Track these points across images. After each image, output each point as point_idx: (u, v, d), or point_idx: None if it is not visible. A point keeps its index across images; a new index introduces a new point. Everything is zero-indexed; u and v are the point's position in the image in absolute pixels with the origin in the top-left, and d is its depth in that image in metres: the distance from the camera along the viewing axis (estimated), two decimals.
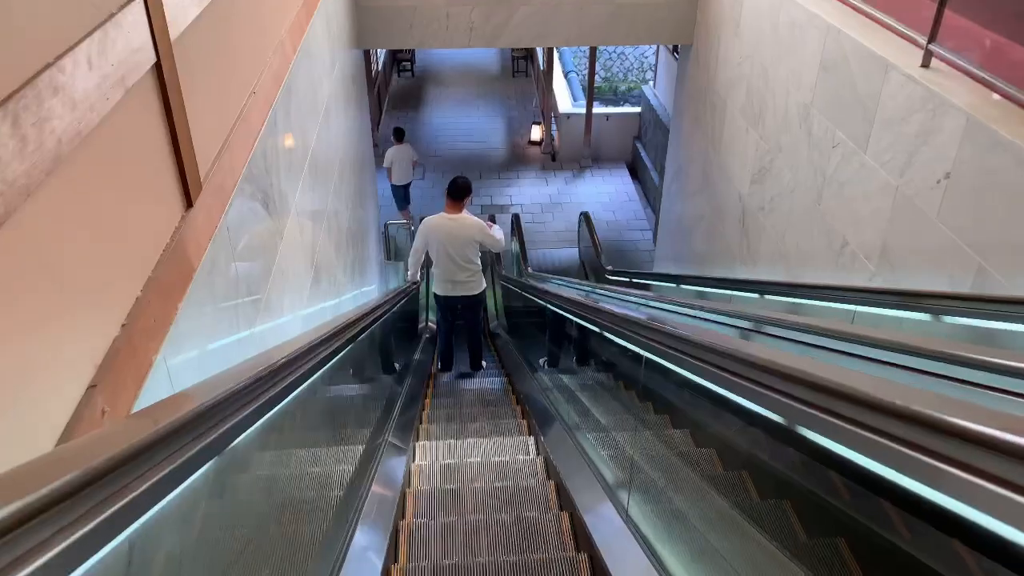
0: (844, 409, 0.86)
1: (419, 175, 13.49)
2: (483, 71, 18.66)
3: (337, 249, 4.43)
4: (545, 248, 11.34)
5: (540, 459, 3.98)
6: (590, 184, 13.35)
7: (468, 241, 5.66)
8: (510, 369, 6.53)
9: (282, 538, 1.71)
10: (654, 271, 7.30)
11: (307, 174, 3.53)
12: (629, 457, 2.76)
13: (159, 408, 1.03)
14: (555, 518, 2.89)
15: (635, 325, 2.38)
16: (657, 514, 2.38)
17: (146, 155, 1.74)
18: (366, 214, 6.13)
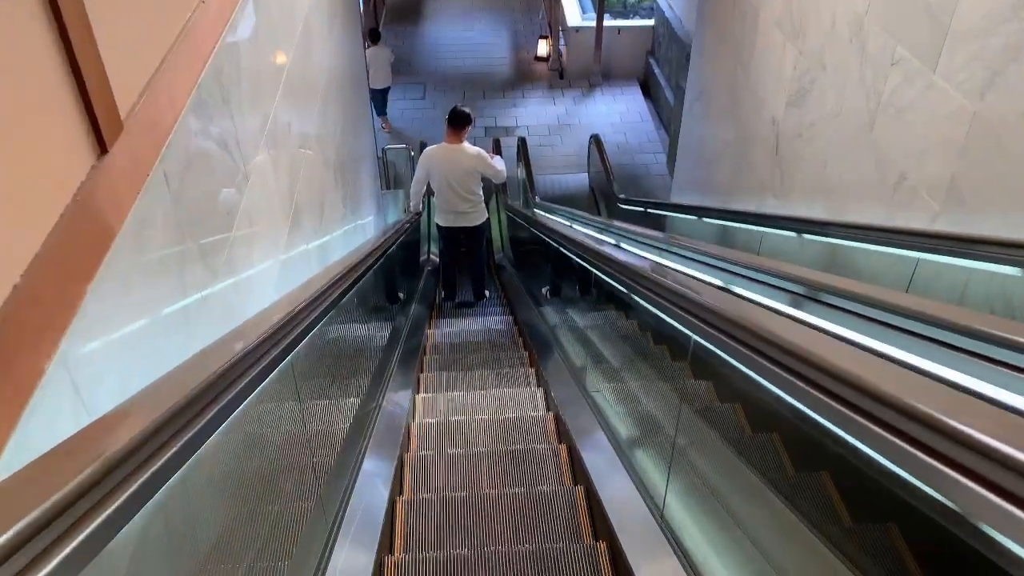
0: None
1: (419, 94, 12.81)
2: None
3: (324, 183, 3.95)
4: (553, 174, 10.78)
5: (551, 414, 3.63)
6: (600, 103, 12.66)
7: (470, 171, 5.68)
8: (516, 307, 6.13)
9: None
10: (672, 201, 6.80)
11: (281, 101, 3.03)
12: (644, 413, 2.45)
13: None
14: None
15: (669, 292, 1.96)
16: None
17: (22, 84, 1.27)
18: (359, 141, 5.62)
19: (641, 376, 2.93)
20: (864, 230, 3.42)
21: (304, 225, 3.38)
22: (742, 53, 5.06)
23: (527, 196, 8.89)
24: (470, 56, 14.09)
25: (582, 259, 3.77)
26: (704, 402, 2.08)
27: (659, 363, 2.58)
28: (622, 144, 11.39)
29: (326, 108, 4.16)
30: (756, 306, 1.71)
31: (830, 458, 1.20)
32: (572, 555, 2.36)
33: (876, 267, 3.51)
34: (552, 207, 7.42)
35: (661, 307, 2.06)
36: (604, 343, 3.72)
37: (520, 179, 9.68)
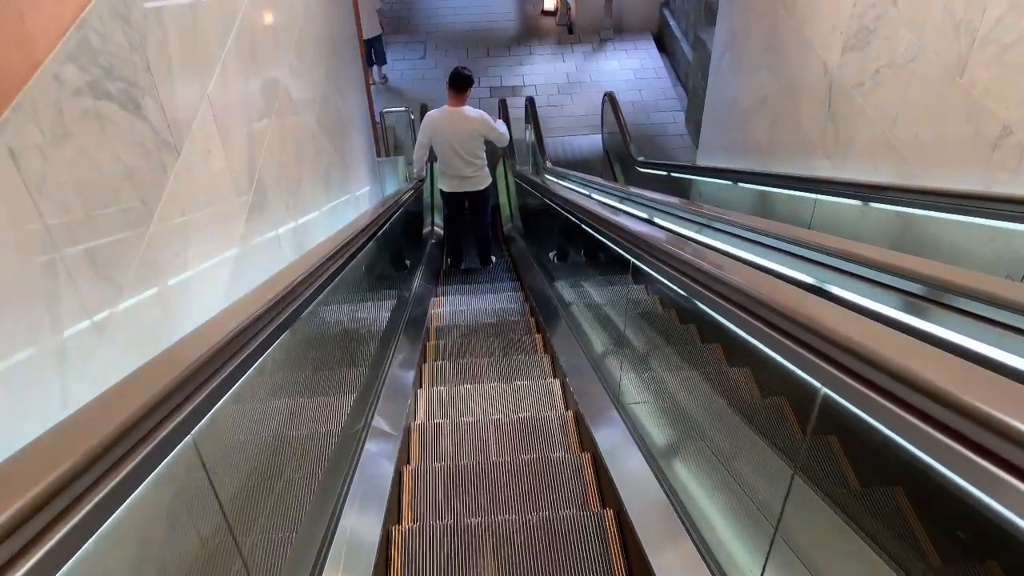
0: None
1: (419, 53, 12.08)
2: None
3: (302, 153, 3.35)
4: (563, 135, 10.10)
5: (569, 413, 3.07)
6: (612, 59, 11.91)
7: (473, 135, 5.63)
8: (528, 285, 5.54)
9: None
10: (698, 164, 6.14)
11: (234, 50, 2.42)
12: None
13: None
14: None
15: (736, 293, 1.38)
16: None
17: None
18: (349, 104, 4.98)
19: (692, 389, 2.34)
20: (954, 198, 2.81)
21: (272, 206, 2.78)
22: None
23: (537, 161, 8.24)
24: (473, 12, 13.30)
25: (611, 240, 3.17)
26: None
27: (726, 380, 1.99)
28: (637, 102, 10.67)
29: (303, 63, 3.53)
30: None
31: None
32: None
33: (964, 244, 2.90)
34: (565, 173, 6.79)
35: (745, 325, 1.48)
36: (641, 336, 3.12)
37: (529, 142, 9.02)
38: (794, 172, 4.17)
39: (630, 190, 4.71)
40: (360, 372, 2.78)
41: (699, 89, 9.62)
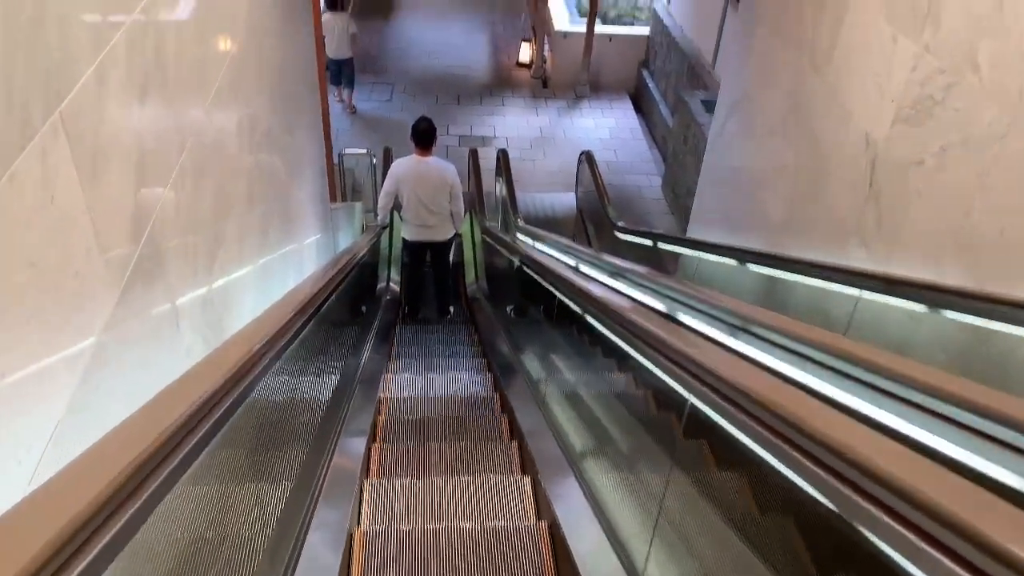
0: None
1: (386, 96, 11.44)
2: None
3: (225, 199, 2.57)
4: (534, 191, 9.49)
5: None
6: (587, 116, 11.44)
7: (439, 186, 5.62)
8: (498, 365, 4.78)
9: None
10: (692, 237, 5.52)
11: (117, 57, 1.66)
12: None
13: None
14: None
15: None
16: None
17: None
18: (299, 141, 4.24)
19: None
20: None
21: (171, 269, 1.99)
22: (815, 52, 3.82)
23: (507, 218, 7.57)
24: (445, 57, 12.78)
25: (603, 324, 2.49)
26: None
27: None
28: (612, 162, 10.15)
29: (237, 87, 2.78)
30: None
31: None
32: None
33: None
34: (539, 234, 6.11)
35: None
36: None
37: (499, 197, 8.37)
38: (823, 259, 3.54)
39: (617, 263, 4.02)
40: (276, 506, 1.97)
41: (679, 153, 9.14)
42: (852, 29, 3.52)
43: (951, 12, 2.84)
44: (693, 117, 8.60)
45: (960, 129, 2.79)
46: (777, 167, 4.25)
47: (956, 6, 2.81)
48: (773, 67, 4.30)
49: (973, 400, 1.41)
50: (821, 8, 3.77)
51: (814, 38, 3.83)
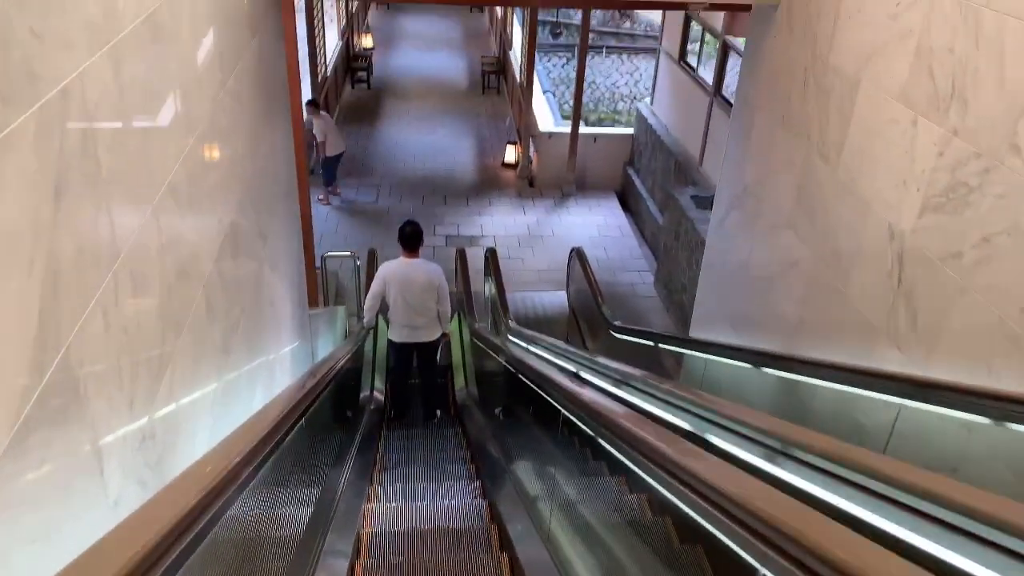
0: None
1: (371, 197, 11.32)
2: (449, 85, 16.66)
3: (165, 320, 2.19)
4: (524, 291, 9.20)
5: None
6: (575, 214, 11.32)
7: (427, 287, 5.64)
8: (492, 486, 4.32)
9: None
10: (699, 337, 5.18)
11: (28, 156, 1.34)
12: None
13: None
14: None
15: None
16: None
17: None
18: (272, 248, 3.92)
19: None
20: None
21: (93, 402, 1.61)
22: (824, 141, 3.60)
23: (498, 318, 7.23)
24: (431, 160, 12.77)
25: (612, 445, 2.11)
26: None
27: None
28: (602, 260, 9.93)
29: (198, 180, 2.47)
30: None
31: None
32: None
33: None
34: (532, 336, 5.76)
35: None
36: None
37: (488, 297, 8.06)
38: (851, 362, 3.19)
39: (623, 370, 3.65)
40: None
41: (671, 249, 8.95)
42: (864, 115, 3.31)
43: (981, 90, 2.61)
44: (684, 212, 8.44)
45: (1004, 217, 2.51)
46: (788, 262, 3.96)
47: (987, 83, 2.58)
48: (777, 159, 4.09)
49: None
50: (826, 94, 3.58)
51: (822, 126, 3.62)
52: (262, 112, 3.71)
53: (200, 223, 2.49)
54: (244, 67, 3.21)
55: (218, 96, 2.74)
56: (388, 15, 22.18)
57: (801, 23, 3.81)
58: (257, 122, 3.55)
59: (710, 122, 9.12)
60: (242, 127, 3.18)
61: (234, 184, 3.01)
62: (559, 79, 24.13)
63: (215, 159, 2.68)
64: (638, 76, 28.76)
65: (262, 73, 3.67)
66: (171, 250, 2.17)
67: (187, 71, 2.31)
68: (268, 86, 3.85)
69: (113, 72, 1.73)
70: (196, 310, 2.42)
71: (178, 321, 2.22)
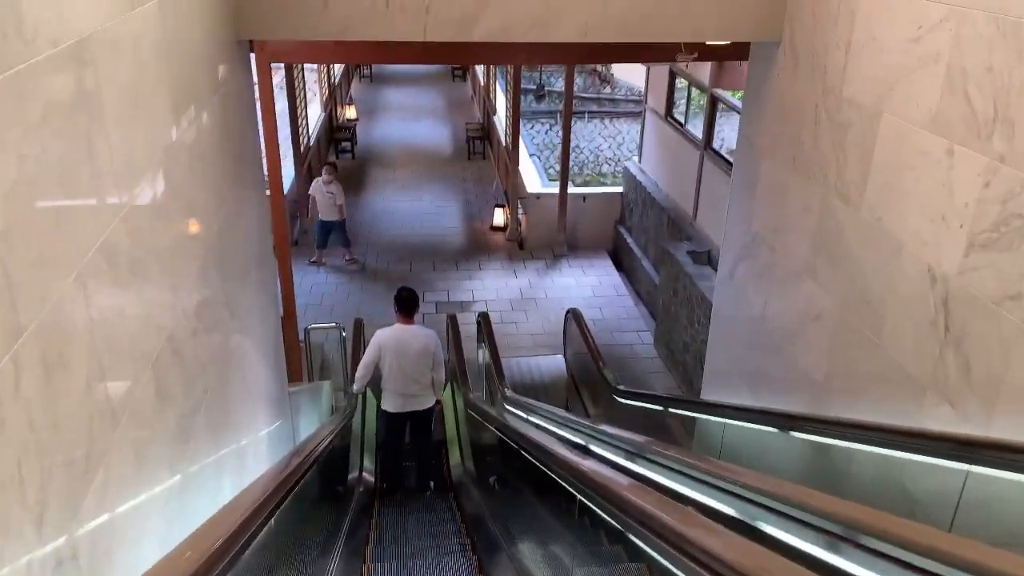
0: None
1: (359, 266, 11.00)
2: (434, 152, 16.61)
3: (93, 411, 1.81)
4: (519, 356, 8.82)
5: None
6: (568, 275, 11.04)
7: (423, 353, 5.57)
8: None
9: None
10: (710, 399, 4.80)
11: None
12: None
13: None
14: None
15: None
16: None
17: None
18: (244, 321, 3.56)
19: None
20: None
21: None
22: (844, 181, 3.32)
23: (493, 387, 6.83)
24: (418, 225, 12.54)
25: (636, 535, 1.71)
26: None
27: None
28: (598, 320, 9.59)
29: (142, 263, 2.12)
30: None
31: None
32: None
33: None
34: (531, 405, 5.36)
35: None
36: None
37: (482, 364, 7.67)
38: (895, 423, 2.82)
39: (638, 441, 3.26)
40: None
41: (670, 307, 8.63)
42: (888, 148, 3.03)
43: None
44: (681, 268, 8.16)
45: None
46: (809, 314, 3.63)
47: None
48: (790, 203, 3.80)
49: None
50: (842, 130, 3.31)
51: (840, 165, 3.34)
52: (231, 173, 3.40)
53: (148, 292, 2.13)
54: (207, 122, 2.91)
55: (172, 148, 2.43)
56: (371, 87, 22.35)
57: (807, 58, 3.58)
58: (224, 183, 3.24)
59: (702, 176, 8.93)
60: (205, 186, 2.86)
61: (194, 248, 2.67)
62: (543, 144, 24.27)
63: (169, 218, 2.34)
64: (620, 139, 29.05)
65: (230, 131, 3.38)
66: (105, 324, 1.80)
67: (124, 108, 1.99)
68: (237, 146, 3.55)
69: (17, 98, 1.41)
70: (141, 394, 2.04)
71: (114, 410, 1.84)
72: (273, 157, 6.66)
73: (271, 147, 6.61)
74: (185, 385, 2.45)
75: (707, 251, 8.56)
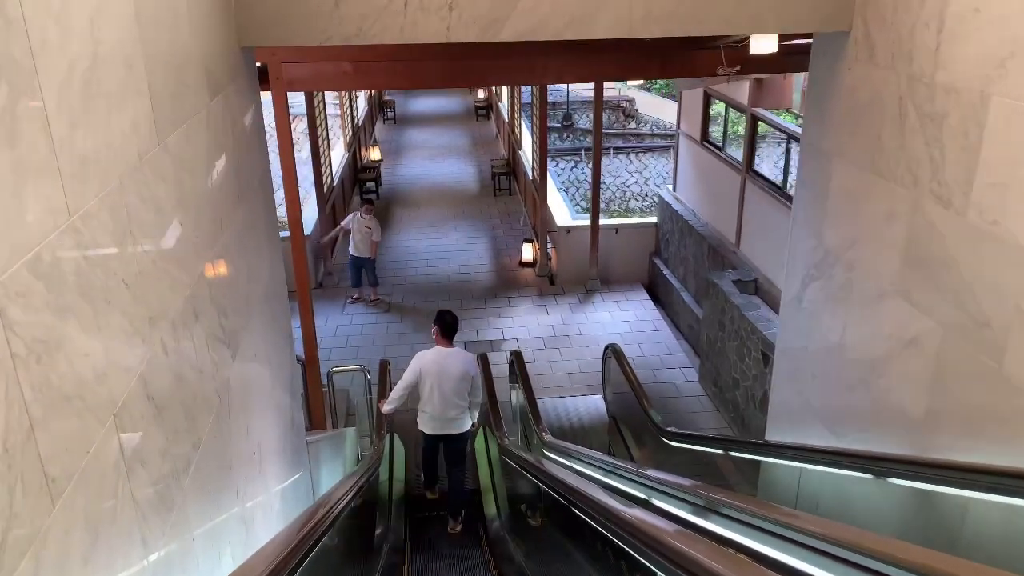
0: None
1: (383, 306, 10.63)
2: (460, 190, 16.33)
3: (60, 472, 1.38)
4: (554, 396, 8.30)
5: None
6: (602, 310, 10.55)
7: (463, 376, 5.64)
8: None
9: None
10: (778, 441, 4.23)
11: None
12: None
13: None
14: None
15: None
16: None
17: None
18: (246, 363, 3.12)
19: None
20: None
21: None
22: (943, 181, 2.83)
23: (529, 431, 6.32)
24: (444, 264, 12.17)
25: None
26: None
27: None
28: (638, 357, 9.06)
29: (103, 273, 1.71)
30: None
31: None
32: None
33: None
34: (575, 451, 4.84)
35: None
36: None
37: (516, 407, 7.17)
38: (1014, 465, 2.29)
39: (739, 504, 2.74)
40: None
41: (716, 341, 8.08)
42: (1001, 139, 2.54)
43: None
44: (727, 299, 7.64)
45: None
46: (903, 339, 3.10)
47: None
48: (871, 212, 3.31)
49: None
50: (936, 123, 2.83)
51: (935, 163, 2.85)
52: (232, 197, 3.01)
53: (108, 323, 1.70)
54: (197, 130, 2.52)
55: (150, 153, 2.02)
56: (395, 129, 22.30)
57: (886, 44, 3.12)
58: (222, 207, 2.84)
59: (744, 201, 8.45)
60: (194, 204, 2.45)
61: (180, 275, 2.25)
62: (568, 181, 23.98)
63: (140, 237, 1.93)
64: (647, 174, 28.72)
65: (230, 151, 2.99)
66: (42, 361, 1.37)
67: (67, 96, 1.59)
68: (239, 168, 3.16)
69: None
70: (98, 453, 1.60)
71: (52, 476, 1.40)
72: (292, 191, 6.32)
73: (289, 181, 6.27)
74: (165, 439, 2.01)
75: (753, 280, 8.04)
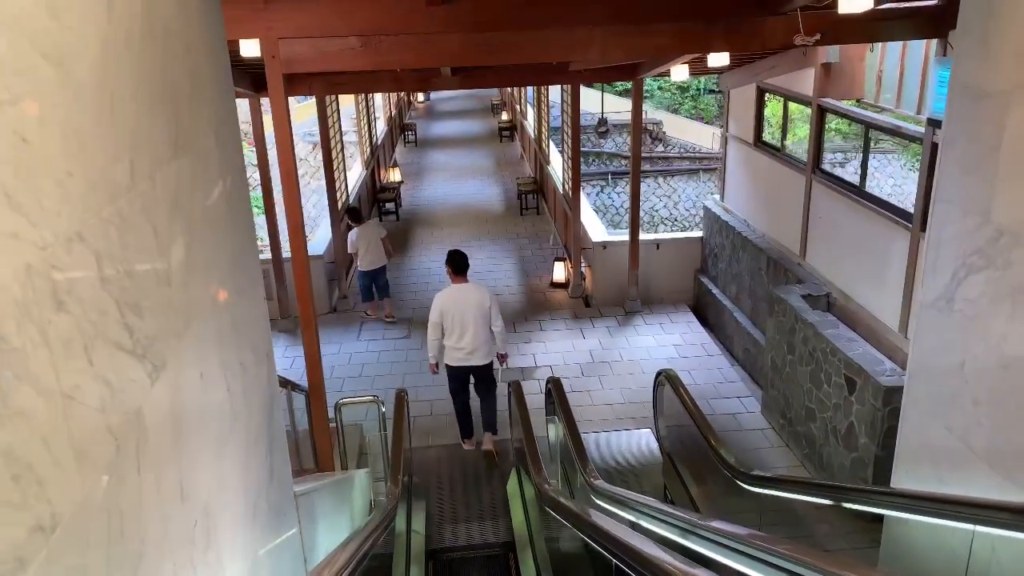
0: None
1: (403, 332, 9.69)
2: (484, 211, 15.44)
3: None
4: (595, 430, 7.25)
5: None
6: (645, 334, 9.50)
7: (480, 305, 6.22)
8: None
9: None
10: (917, 491, 3.16)
11: None
12: None
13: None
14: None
15: None
16: None
17: None
18: (188, 397, 2.14)
19: None
20: None
21: None
22: None
23: (573, 471, 5.28)
24: None
25: None
26: None
27: None
28: (690, 386, 7.94)
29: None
30: None
31: None
32: None
33: None
34: (640, 503, 3.81)
35: None
36: None
37: (553, 442, 6.13)
38: None
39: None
40: None
41: (782, 367, 7.00)
42: None
43: None
44: (798, 317, 6.58)
45: None
46: None
47: None
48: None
49: None
50: None
51: None
52: (156, 127, 2.06)
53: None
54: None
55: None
56: (416, 151, 21.59)
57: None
58: (133, 134, 1.89)
59: (809, 205, 7.43)
60: (67, 114, 1.51)
61: (15, 220, 1.30)
62: (596, 206, 23.08)
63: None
64: (676, 198, 27.76)
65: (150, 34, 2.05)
66: None
67: None
68: (177, 80, 2.23)
69: None
70: None
71: None
72: (292, 193, 5.42)
73: (289, 181, 5.38)
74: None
75: (826, 294, 6.98)
